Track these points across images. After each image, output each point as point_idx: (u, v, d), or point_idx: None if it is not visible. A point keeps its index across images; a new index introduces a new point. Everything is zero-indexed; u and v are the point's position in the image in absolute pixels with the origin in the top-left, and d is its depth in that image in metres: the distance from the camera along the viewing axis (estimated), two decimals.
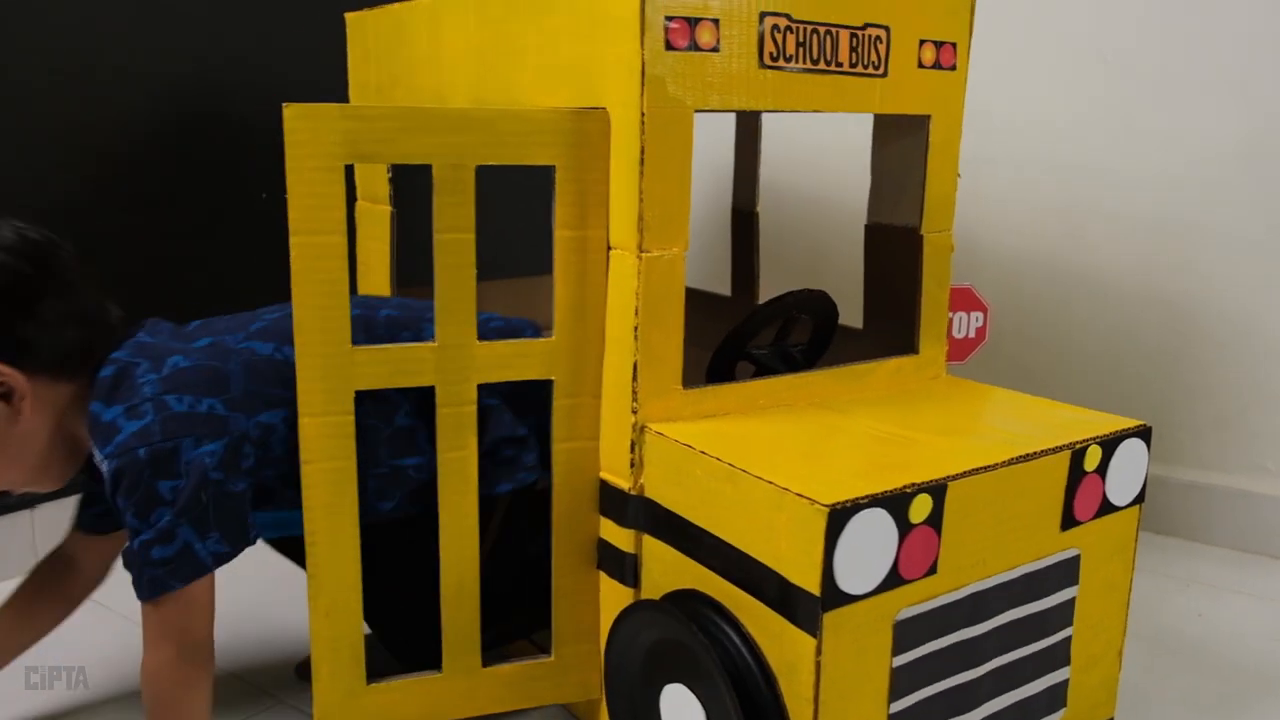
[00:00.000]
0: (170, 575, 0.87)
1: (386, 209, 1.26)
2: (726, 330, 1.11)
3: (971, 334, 1.27)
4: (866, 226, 1.18)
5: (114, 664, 1.19)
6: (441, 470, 0.95)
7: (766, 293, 1.48)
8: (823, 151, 1.74)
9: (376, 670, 0.97)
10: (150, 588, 0.87)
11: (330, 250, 0.89)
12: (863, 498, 0.78)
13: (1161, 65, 1.50)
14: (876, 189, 1.16)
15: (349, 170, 0.89)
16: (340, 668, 0.95)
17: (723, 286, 1.53)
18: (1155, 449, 1.04)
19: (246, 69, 1.57)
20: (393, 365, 0.94)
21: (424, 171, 0.92)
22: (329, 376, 0.91)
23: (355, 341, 0.91)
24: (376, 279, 1.31)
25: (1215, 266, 1.49)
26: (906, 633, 0.83)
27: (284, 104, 0.85)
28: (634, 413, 0.93)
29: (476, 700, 1.00)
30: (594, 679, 1.02)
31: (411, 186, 1.17)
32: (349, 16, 1.35)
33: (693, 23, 0.89)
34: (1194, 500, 1.51)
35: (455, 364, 0.94)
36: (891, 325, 1.15)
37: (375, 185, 1.27)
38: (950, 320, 1.14)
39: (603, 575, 0.99)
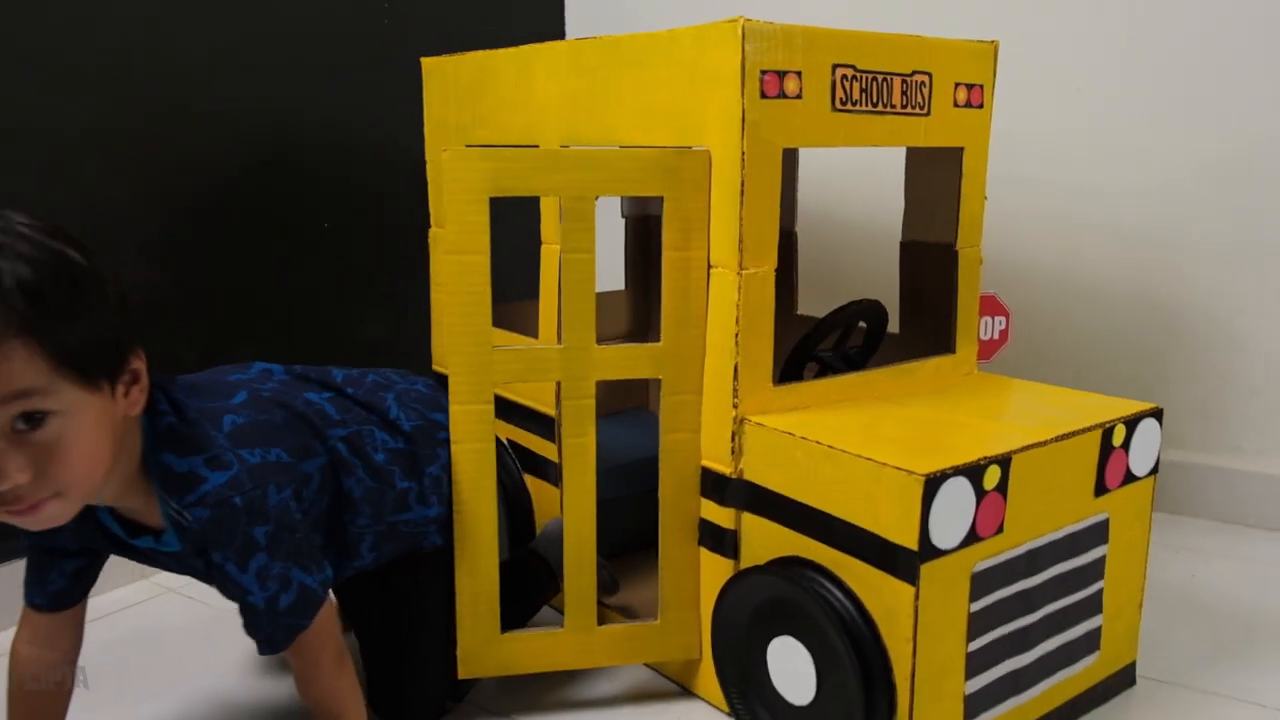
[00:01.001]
0: (301, 617, 0.94)
1: None
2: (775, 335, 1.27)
3: (996, 336, 1.45)
4: (902, 243, 1.35)
5: (114, 664, 1.22)
6: (565, 453, 1.11)
7: (801, 303, 1.64)
8: (839, 173, 1.91)
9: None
10: (287, 635, 0.93)
11: (478, 267, 1.05)
12: (948, 468, 0.94)
13: (1140, 93, 1.70)
14: (911, 211, 1.33)
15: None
16: (479, 619, 1.12)
17: None
18: None
19: (319, 112, 1.70)
20: (525, 364, 1.10)
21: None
22: (473, 372, 1.07)
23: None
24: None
25: (1195, 272, 1.69)
26: (981, 583, 1.00)
27: (443, 150, 1.00)
28: (735, 407, 1.08)
29: (592, 654, 1.16)
30: (694, 641, 1.17)
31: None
32: (425, 61, 1.48)
33: (782, 75, 1.05)
34: (1178, 478, 1.70)
35: (577, 363, 1.09)
36: (927, 329, 1.32)
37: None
38: (978, 324, 1.31)
39: (703, 550, 1.14)
